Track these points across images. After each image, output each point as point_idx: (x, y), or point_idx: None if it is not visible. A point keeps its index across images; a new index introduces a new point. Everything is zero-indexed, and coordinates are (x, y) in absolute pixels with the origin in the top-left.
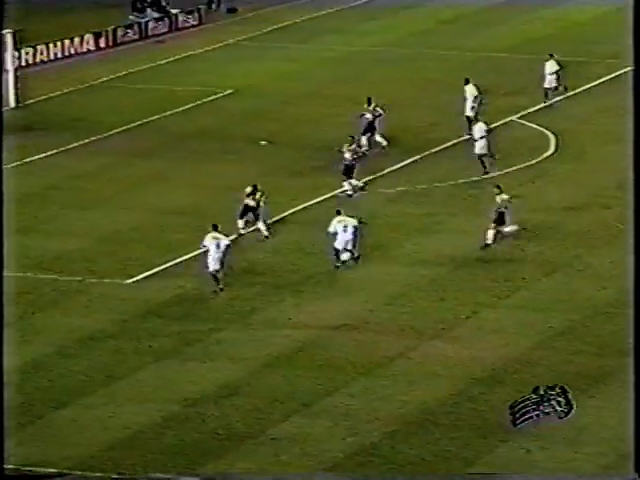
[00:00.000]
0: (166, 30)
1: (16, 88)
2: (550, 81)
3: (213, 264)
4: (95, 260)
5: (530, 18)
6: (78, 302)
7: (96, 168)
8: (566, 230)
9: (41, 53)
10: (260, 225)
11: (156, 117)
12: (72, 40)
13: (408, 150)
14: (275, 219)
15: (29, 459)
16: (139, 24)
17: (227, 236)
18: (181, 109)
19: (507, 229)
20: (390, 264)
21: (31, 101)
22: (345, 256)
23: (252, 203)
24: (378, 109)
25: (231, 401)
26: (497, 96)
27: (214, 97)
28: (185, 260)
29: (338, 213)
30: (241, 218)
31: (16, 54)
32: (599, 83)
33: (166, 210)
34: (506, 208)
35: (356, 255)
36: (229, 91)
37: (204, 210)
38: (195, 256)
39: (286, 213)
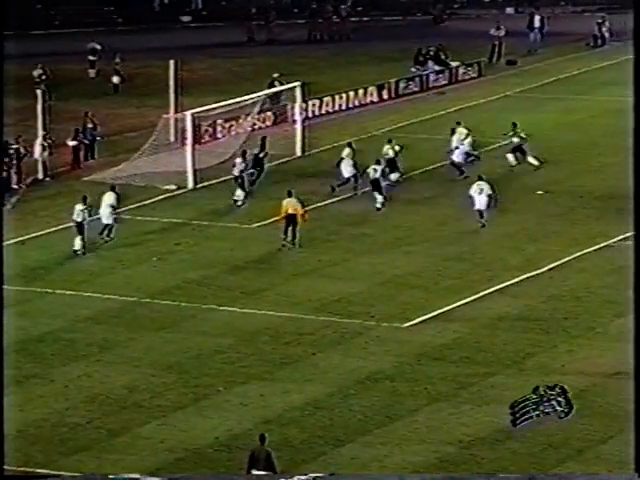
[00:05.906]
0: (446, 82)
1: (302, 138)
2: None
3: None
4: (374, 304)
5: None
6: (357, 344)
7: (376, 215)
8: None
9: (326, 105)
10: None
11: (437, 165)
12: (356, 92)
13: None
14: (551, 266)
15: None
16: (420, 76)
17: None
18: None
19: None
20: None
21: (315, 150)
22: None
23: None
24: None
25: (505, 445)
26: None
27: (493, 147)
28: (461, 305)
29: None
30: None
31: (304, 105)
32: None
33: (444, 256)
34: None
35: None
36: (507, 142)
37: (480, 257)
38: (470, 302)
39: (562, 260)
